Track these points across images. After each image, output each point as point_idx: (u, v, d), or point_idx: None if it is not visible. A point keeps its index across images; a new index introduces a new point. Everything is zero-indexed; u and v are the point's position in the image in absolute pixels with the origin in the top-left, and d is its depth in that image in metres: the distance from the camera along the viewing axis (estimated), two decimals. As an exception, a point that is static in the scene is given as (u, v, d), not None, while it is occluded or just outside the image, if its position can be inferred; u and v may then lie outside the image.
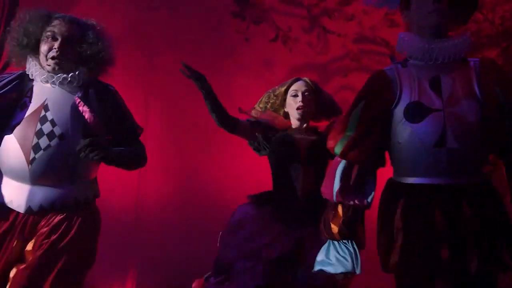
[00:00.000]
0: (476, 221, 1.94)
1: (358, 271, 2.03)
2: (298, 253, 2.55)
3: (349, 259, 2.03)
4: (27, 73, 2.28)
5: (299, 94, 2.80)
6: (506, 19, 4.02)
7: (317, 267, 2.11)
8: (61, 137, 2.18)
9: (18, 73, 2.28)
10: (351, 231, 2.07)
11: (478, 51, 3.93)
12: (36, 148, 2.16)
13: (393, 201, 2.04)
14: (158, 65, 4.18)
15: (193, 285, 2.73)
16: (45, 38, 2.23)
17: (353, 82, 4.02)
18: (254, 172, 3.27)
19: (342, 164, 2.08)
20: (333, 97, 2.93)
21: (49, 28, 2.23)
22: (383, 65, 4.19)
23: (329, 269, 2.06)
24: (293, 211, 2.63)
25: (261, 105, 2.92)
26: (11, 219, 2.16)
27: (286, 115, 2.89)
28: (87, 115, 2.22)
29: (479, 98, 1.95)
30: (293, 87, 2.84)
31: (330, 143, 2.10)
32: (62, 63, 2.22)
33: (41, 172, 2.16)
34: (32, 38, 2.24)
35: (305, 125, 2.82)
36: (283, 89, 2.87)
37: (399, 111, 2.01)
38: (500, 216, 1.98)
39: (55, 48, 2.20)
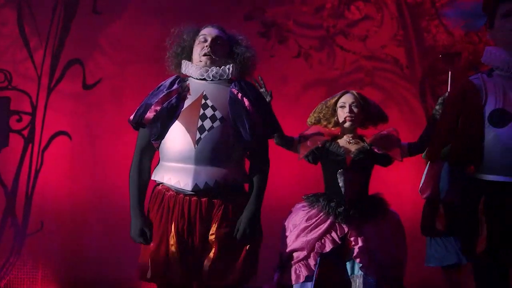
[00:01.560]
0: None
1: (465, 262, 2.26)
2: (345, 246, 2.95)
3: (454, 251, 2.26)
4: (182, 72, 2.56)
5: (347, 105, 3.09)
6: None
7: (428, 263, 2.33)
8: (222, 120, 2.42)
9: (173, 77, 2.54)
10: (453, 228, 2.31)
11: (474, 70, 4.39)
12: (201, 129, 2.40)
13: (475, 196, 2.29)
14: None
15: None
16: (198, 42, 2.54)
17: (367, 95, 4.46)
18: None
19: (445, 167, 2.31)
20: (379, 106, 3.22)
21: (201, 34, 2.55)
22: (392, 81, 4.61)
23: (438, 262, 2.28)
24: (339, 211, 2.94)
25: (315, 115, 3.22)
26: (176, 203, 2.40)
27: (337, 124, 3.17)
28: (246, 103, 2.43)
29: None
30: (342, 99, 3.14)
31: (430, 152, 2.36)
32: (213, 58, 2.49)
33: (206, 151, 2.38)
34: (186, 46, 2.57)
35: (352, 134, 3.10)
36: (333, 100, 3.16)
37: (483, 116, 2.28)
38: None
39: (206, 46, 2.49)
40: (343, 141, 3.10)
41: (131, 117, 2.54)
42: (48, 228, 4.38)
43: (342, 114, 3.11)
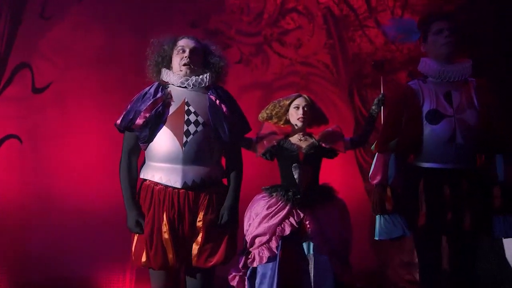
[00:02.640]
0: (470, 194, 2.76)
1: (408, 234, 2.76)
2: (301, 229, 3.30)
3: (400, 226, 2.75)
4: (163, 80, 2.78)
5: (300, 107, 3.45)
6: (411, 50, 5.08)
7: (378, 237, 2.80)
8: (204, 124, 2.73)
9: (155, 84, 2.78)
10: (399, 207, 2.80)
11: (393, 73, 4.99)
12: (187, 133, 2.69)
13: (416, 180, 2.81)
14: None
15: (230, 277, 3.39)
16: (176, 52, 2.77)
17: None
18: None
19: (392, 158, 2.80)
20: (322, 110, 3.61)
21: (178, 45, 2.77)
22: (322, 85, 5.08)
23: (386, 236, 2.75)
24: (296, 199, 3.32)
25: (267, 112, 3.52)
26: (166, 195, 2.67)
27: (286, 122, 3.53)
28: (224, 109, 2.73)
29: (477, 108, 2.78)
30: (296, 102, 3.47)
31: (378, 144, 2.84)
32: (192, 67, 2.77)
33: (192, 152, 2.68)
34: (166, 55, 2.83)
35: (302, 132, 3.48)
36: (287, 101, 3.49)
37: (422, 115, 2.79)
38: (483, 192, 2.82)
39: (185, 57, 2.76)
40: (294, 139, 3.45)
41: (118, 121, 2.76)
42: (2, 230, 4.36)
43: (296, 114, 3.45)
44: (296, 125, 3.47)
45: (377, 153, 2.90)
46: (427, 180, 2.79)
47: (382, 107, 3.29)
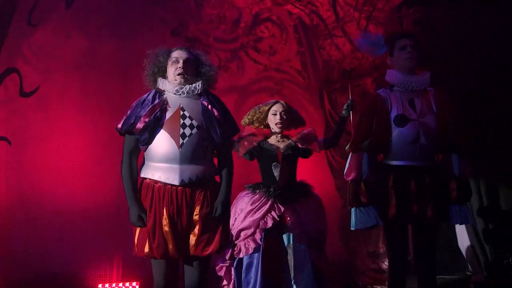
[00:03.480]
0: (431, 188, 3.18)
1: (381, 223, 3.13)
2: (282, 222, 3.63)
3: (374, 216, 3.13)
4: (159, 88, 3.05)
5: (278, 113, 3.78)
6: (375, 58, 5.46)
7: (355, 227, 3.16)
8: (198, 127, 2.98)
9: (152, 91, 3.03)
10: (372, 200, 3.17)
11: (360, 79, 5.38)
12: (183, 136, 2.95)
13: (385, 176, 3.20)
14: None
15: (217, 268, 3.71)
16: (171, 63, 3.03)
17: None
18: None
19: (365, 157, 3.18)
20: (299, 113, 3.95)
21: (173, 56, 3.04)
22: (293, 89, 5.42)
23: (362, 226, 3.12)
24: (276, 195, 3.63)
25: (249, 117, 3.87)
26: (165, 192, 2.93)
27: (267, 126, 3.86)
28: (216, 113, 3.00)
29: (436, 113, 3.19)
30: (273, 108, 3.81)
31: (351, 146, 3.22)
32: (185, 77, 3.02)
33: (188, 153, 2.94)
34: (161, 66, 3.08)
35: (280, 135, 3.82)
36: (266, 108, 3.82)
37: (390, 119, 3.19)
38: (442, 185, 3.25)
39: (179, 67, 3.02)
40: (273, 140, 3.79)
41: (119, 125, 3.01)
42: None
43: (274, 120, 3.78)
44: (274, 129, 3.80)
45: (351, 153, 3.27)
46: (395, 176, 3.18)
47: (351, 111, 3.63)
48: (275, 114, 3.80)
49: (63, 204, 4.68)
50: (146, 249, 2.93)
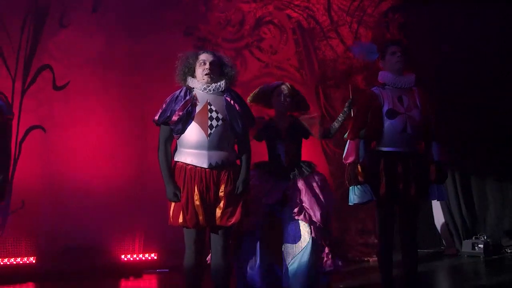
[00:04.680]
0: (415, 170, 3.76)
1: (375, 198, 3.71)
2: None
3: (369, 193, 3.73)
4: (189, 85, 3.50)
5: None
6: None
7: (353, 202, 3.76)
8: (223, 120, 3.44)
9: (183, 89, 3.51)
10: (367, 179, 3.75)
11: (352, 77, 5.94)
12: (211, 127, 3.41)
13: (378, 160, 3.80)
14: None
15: None
16: (199, 64, 3.49)
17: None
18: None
19: (361, 143, 3.78)
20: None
21: (200, 58, 3.50)
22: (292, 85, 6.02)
23: (359, 201, 3.73)
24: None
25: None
26: (196, 173, 3.40)
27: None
28: (237, 107, 3.49)
29: (419, 108, 3.77)
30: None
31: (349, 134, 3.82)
32: (212, 76, 3.46)
33: (215, 141, 3.40)
34: (190, 67, 3.52)
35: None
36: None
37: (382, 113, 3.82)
38: (424, 168, 3.85)
39: (207, 69, 3.46)
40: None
41: (156, 117, 3.48)
42: (28, 206, 5.02)
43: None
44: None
45: (349, 140, 3.88)
46: (385, 160, 3.76)
47: (351, 109, 4.11)
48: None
49: (90, 185, 5.18)
50: (180, 220, 3.41)
